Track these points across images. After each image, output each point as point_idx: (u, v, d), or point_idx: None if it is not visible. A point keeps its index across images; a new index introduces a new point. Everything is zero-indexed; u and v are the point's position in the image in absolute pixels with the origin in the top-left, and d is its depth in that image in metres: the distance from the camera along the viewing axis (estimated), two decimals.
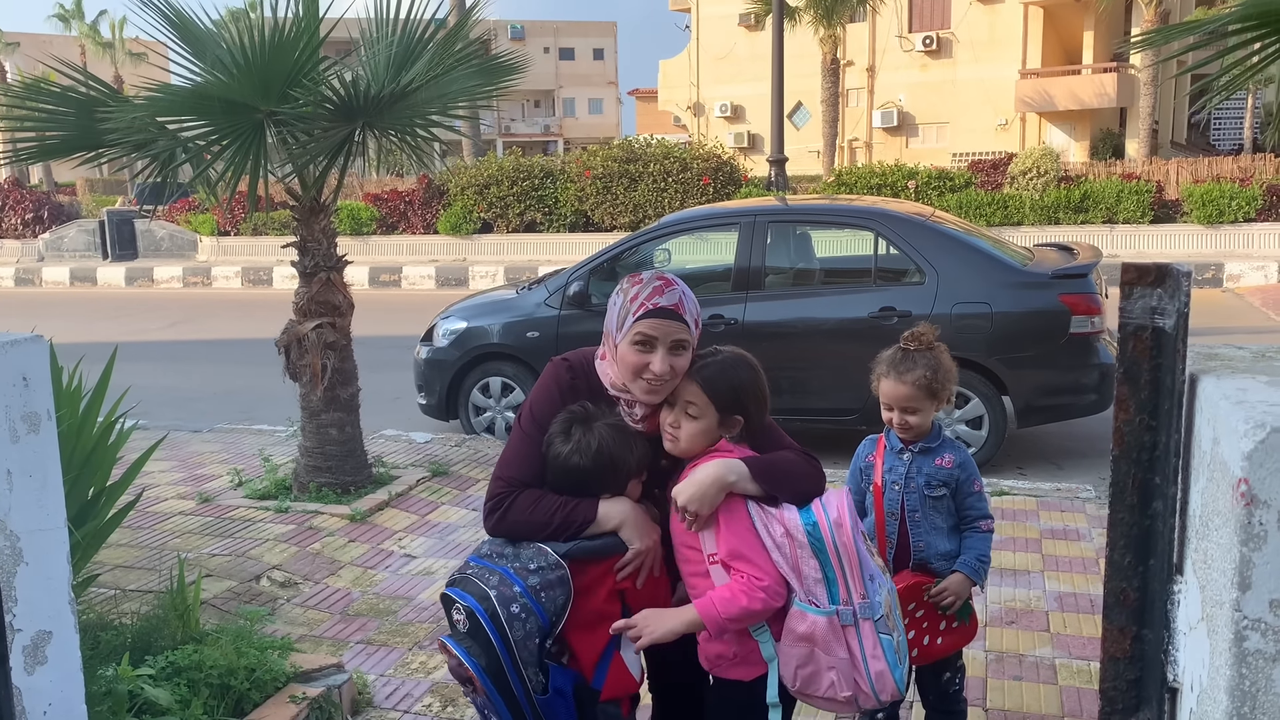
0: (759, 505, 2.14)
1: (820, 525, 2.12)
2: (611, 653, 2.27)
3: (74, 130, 5.02)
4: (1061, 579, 4.45)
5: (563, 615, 2.21)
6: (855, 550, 2.15)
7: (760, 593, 2.09)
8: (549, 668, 2.19)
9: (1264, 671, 1.00)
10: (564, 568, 2.20)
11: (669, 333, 2.21)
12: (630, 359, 2.22)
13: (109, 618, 3.58)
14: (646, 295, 2.23)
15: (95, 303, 17.70)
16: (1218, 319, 11.59)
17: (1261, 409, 1.01)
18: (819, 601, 2.12)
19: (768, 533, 2.12)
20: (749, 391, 2.24)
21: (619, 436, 2.26)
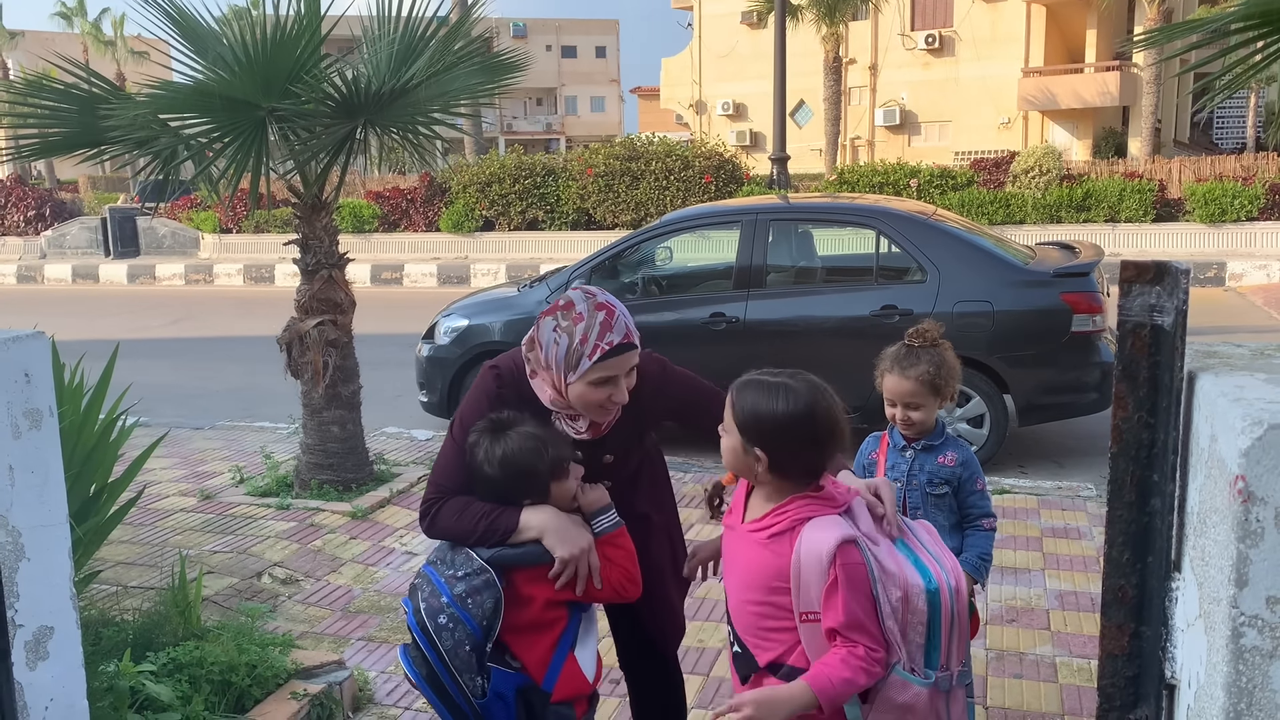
0: (879, 564, 1.94)
1: (941, 591, 1.97)
2: (564, 655, 2.26)
3: (76, 127, 5.03)
4: (1062, 577, 4.45)
5: (495, 619, 2.20)
6: (966, 617, 2.03)
7: (877, 666, 1.92)
8: (490, 671, 2.20)
9: (1260, 668, 1.01)
10: (489, 572, 2.21)
11: (628, 364, 2.25)
12: (593, 397, 2.23)
13: (110, 614, 3.59)
14: (597, 335, 2.19)
15: (97, 300, 17.71)
16: (1220, 318, 11.58)
17: (1259, 406, 1.01)
18: (919, 669, 1.97)
19: (886, 598, 1.93)
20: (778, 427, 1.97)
21: (528, 444, 2.23)
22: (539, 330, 2.27)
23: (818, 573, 1.91)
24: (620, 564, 2.30)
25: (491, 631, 2.20)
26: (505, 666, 2.23)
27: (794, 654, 1.99)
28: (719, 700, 3.50)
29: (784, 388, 1.99)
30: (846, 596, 1.89)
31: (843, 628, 1.90)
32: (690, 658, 3.81)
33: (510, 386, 2.36)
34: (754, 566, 2.02)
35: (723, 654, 3.83)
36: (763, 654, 2.03)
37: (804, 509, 1.98)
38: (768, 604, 2.00)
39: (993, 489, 5.60)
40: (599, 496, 2.33)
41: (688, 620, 4.10)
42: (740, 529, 2.09)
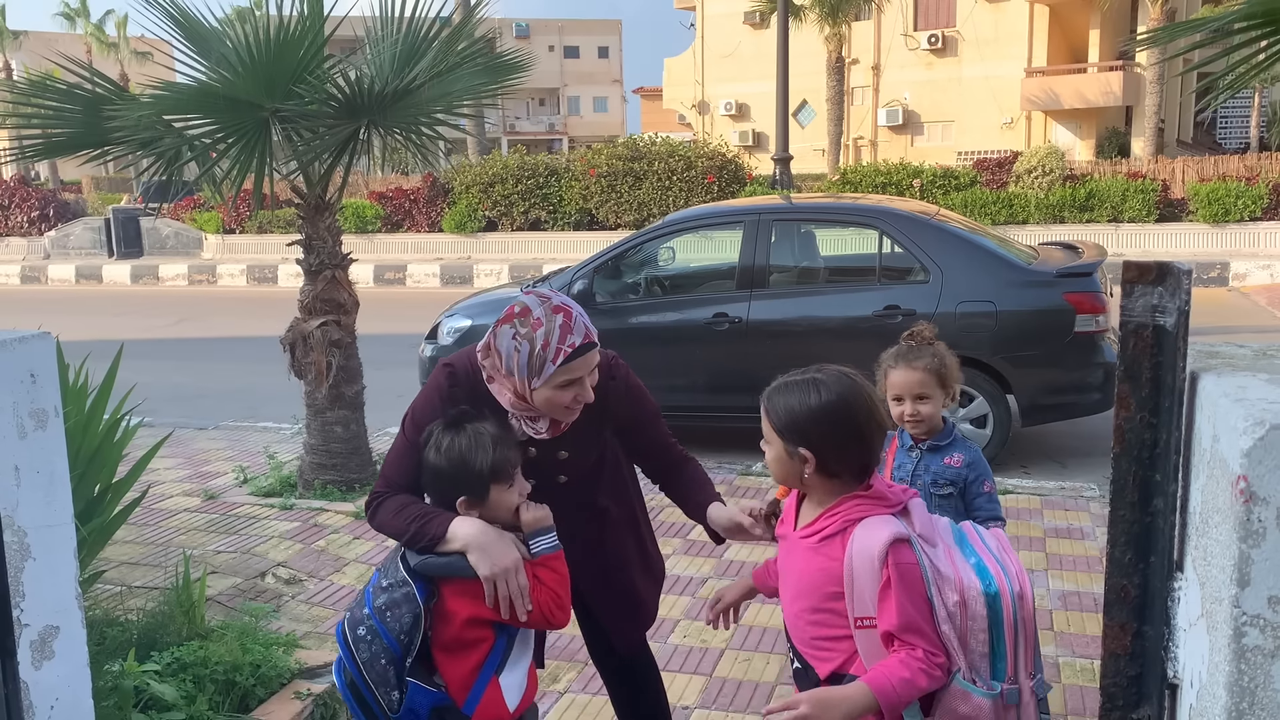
0: (932, 566, 1.88)
1: (1002, 596, 1.87)
2: (487, 678, 2.20)
3: (80, 128, 5.04)
4: (1065, 577, 4.45)
5: (414, 634, 2.15)
6: (1034, 627, 1.93)
7: (937, 670, 1.84)
8: (409, 685, 2.16)
9: (1263, 667, 1.01)
10: (409, 585, 2.16)
11: (591, 363, 2.25)
12: (559, 399, 2.24)
13: (115, 614, 3.59)
14: (558, 339, 2.19)
15: (101, 300, 17.74)
16: (1223, 318, 11.57)
17: (1261, 406, 1.01)
18: (983, 679, 1.88)
19: (941, 601, 1.85)
20: (819, 421, 1.92)
21: (477, 440, 2.21)
22: (496, 339, 2.24)
23: (870, 574, 1.86)
24: (551, 587, 2.22)
25: (411, 647, 2.15)
26: (427, 683, 2.17)
27: (855, 663, 1.93)
28: (721, 701, 3.50)
29: (814, 382, 1.96)
30: (901, 597, 1.83)
31: (899, 630, 1.84)
32: (693, 658, 3.82)
33: (463, 385, 2.36)
34: (807, 573, 1.97)
35: (726, 654, 3.84)
36: (822, 665, 1.97)
37: (855, 509, 1.93)
38: (824, 611, 1.94)
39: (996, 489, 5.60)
40: (541, 516, 2.26)
41: (691, 621, 4.11)
42: (792, 537, 2.04)
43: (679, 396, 6.81)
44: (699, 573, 4.62)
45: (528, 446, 2.35)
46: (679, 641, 3.96)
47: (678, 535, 5.07)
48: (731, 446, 6.72)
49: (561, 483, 2.45)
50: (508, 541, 2.18)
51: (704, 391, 6.70)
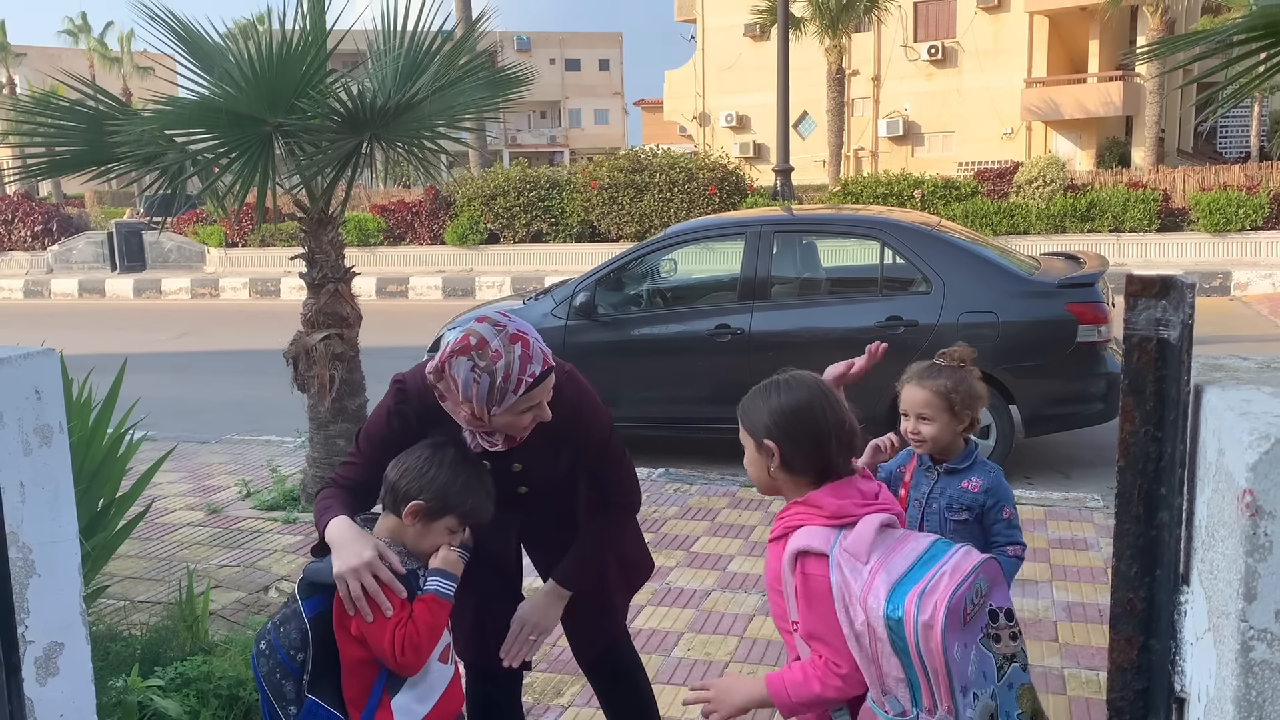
0: (844, 583, 1.89)
1: (905, 624, 1.83)
2: (376, 698, 2.16)
3: (83, 144, 5.06)
4: (1070, 589, 4.44)
5: (303, 651, 2.14)
6: (943, 660, 1.83)
7: (836, 679, 1.90)
8: (307, 702, 2.15)
9: (1270, 682, 1.01)
10: (297, 601, 2.18)
11: (549, 386, 2.26)
12: (518, 422, 2.25)
13: (118, 629, 3.59)
14: (519, 370, 2.17)
15: (104, 314, 17.77)
16: (1225, 328, 11.57)
17: (1266, 420, 1.01)
18: (901, 702, 1.87)
19: (848, 618, 1.89)
20: (775, 416, 2.02)
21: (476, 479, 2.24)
22: (451, 368, 2.17)
23: (789, 580, 1.97)
24: (417, 627, 2.13)
25: (306, 665, 2.14)
26: (328, 702, 2.16)
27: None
28: None
29: (779, 383, 2.07)
30: (802, 606, 1.94)
31: (804, 636, 1.95)
32: (698, 670, 3.81)
33: (413, 401, 2.35)
34: (766, 571, 2.09)
35: (730, 667, 3.83)
36: (790, 654, 2.06)
37: (795, 517, 2.00)
38: (778, 606, 2.04)
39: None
40: (452, 562, 2.22)
41: (695, 634, 4.10)
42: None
43: (681, 408, 6.82)
44: (702, 585, 4.61)
45: (482, 459, 2.34)
46: (683, 654, 3.95)
47: (680, 548, 5.07)
48: (733, 459, 6.69)
49: (522, 493, 2.47)
50: (366, 542, 2.14)
51: (706, 403, 6.70)
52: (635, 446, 7.81)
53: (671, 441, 7.15)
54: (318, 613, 2.16)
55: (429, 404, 2.31)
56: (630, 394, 6.86)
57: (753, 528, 5.32)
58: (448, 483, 2.19)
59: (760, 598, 4.45)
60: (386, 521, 2.24)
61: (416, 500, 2.18)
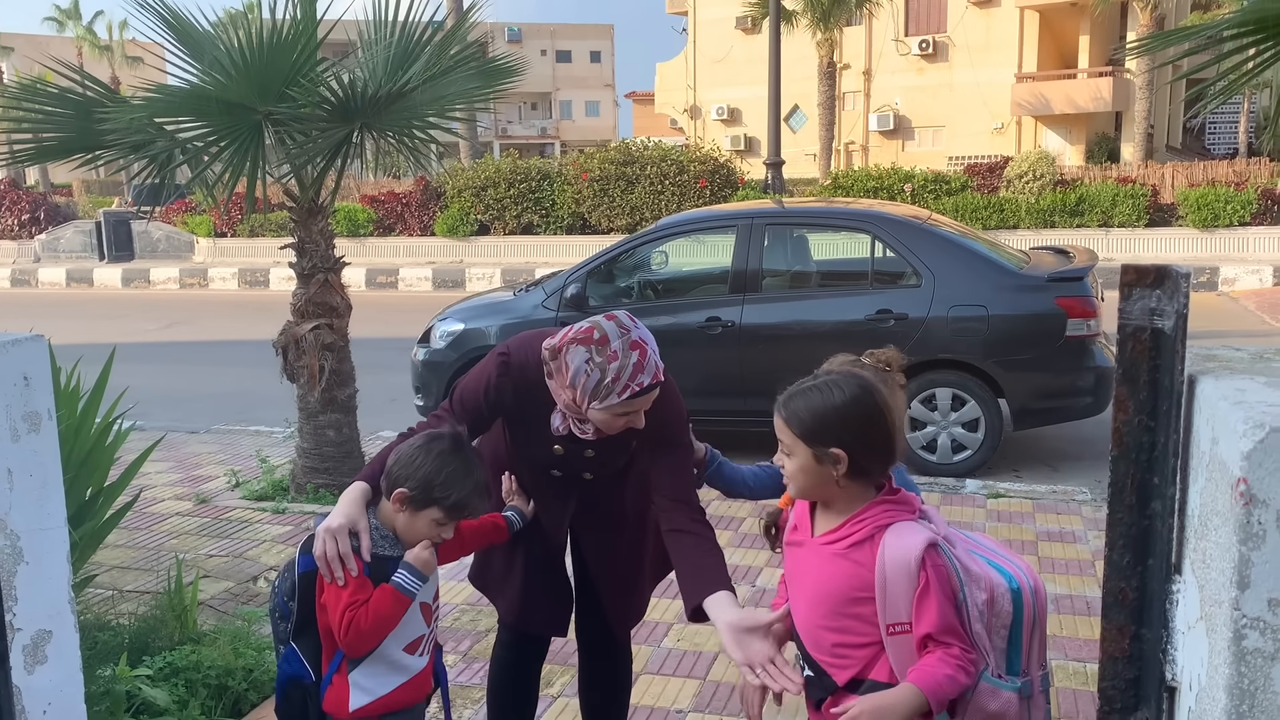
0: (964, 566, 1.90)
1: (1024, 592, 1.92)
2: (334, 667, 2.21)
3: (71, 131, 5.03)
4: (1058, 581, 4.46)
5: (291, 599, 2.23)
6: (1045, 619, 1.98)
7: (972, 667, 1.86)
8: (286, 650, 2.25)
9: (1262, 670, 1.01)
10: (295, 555, 2.26)
11: (652, 398, 2.29)
12: (612, 424, 2.30)
13: (107, 618, 3.58)
14: (630, 376, 2.22)
15: (92, 304, 17.67)
16: (1213, 323, 11.62)
17: (1260, 409, 1.02)
18: (1004, 674, 1.92)
19: (973, 601, 1.88)
20: (846, 419, 1.91)
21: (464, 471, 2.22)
22: (569, 355, 2.25)
23: (906, 580, 1.86)
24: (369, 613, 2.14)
25: (291, 613, 2.23)
26: (303, 653, 2.24)
27: (875, 669, 1.93)
28: (715, 705, 3.50)
29: (830, 382, 1.95)
30: (941, 600, 1.85)
31: (938, 632, 1.85)
32: (687, 661, 3.81)
33: (513, 376, 2.39)
34: (832, 579, 1.95)
35: (720, 659, 3.83)
36: (840, 672, 1.96)
37: (884, 515, 1.92)
38: (847, 617, 1.94)
39: (987, 493, 5.62)
40: (428, 562, 2.21)
41: (684, 625, 4.11)
42: (811, 544, 2.01)
43: None
44: None
45: (555, 444, 2.41)
46: (672, 645, 3.96)
47: None
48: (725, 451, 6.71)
49: (586, 480, 2.53)
50: (349, 511, 2.18)
51: (697, 396, 6.67)
52: None
53: None
54: (307, 570, 2.20)
55: (529, 378, 2.37)
56: None
57: (743, 519, 5.32)
58: (432, 474, 2.17)
59: (750, 589, 4.46)
60: (384, 505, 2.26)
61: (402, 489, 2.19)
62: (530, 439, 2.47)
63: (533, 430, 2.46)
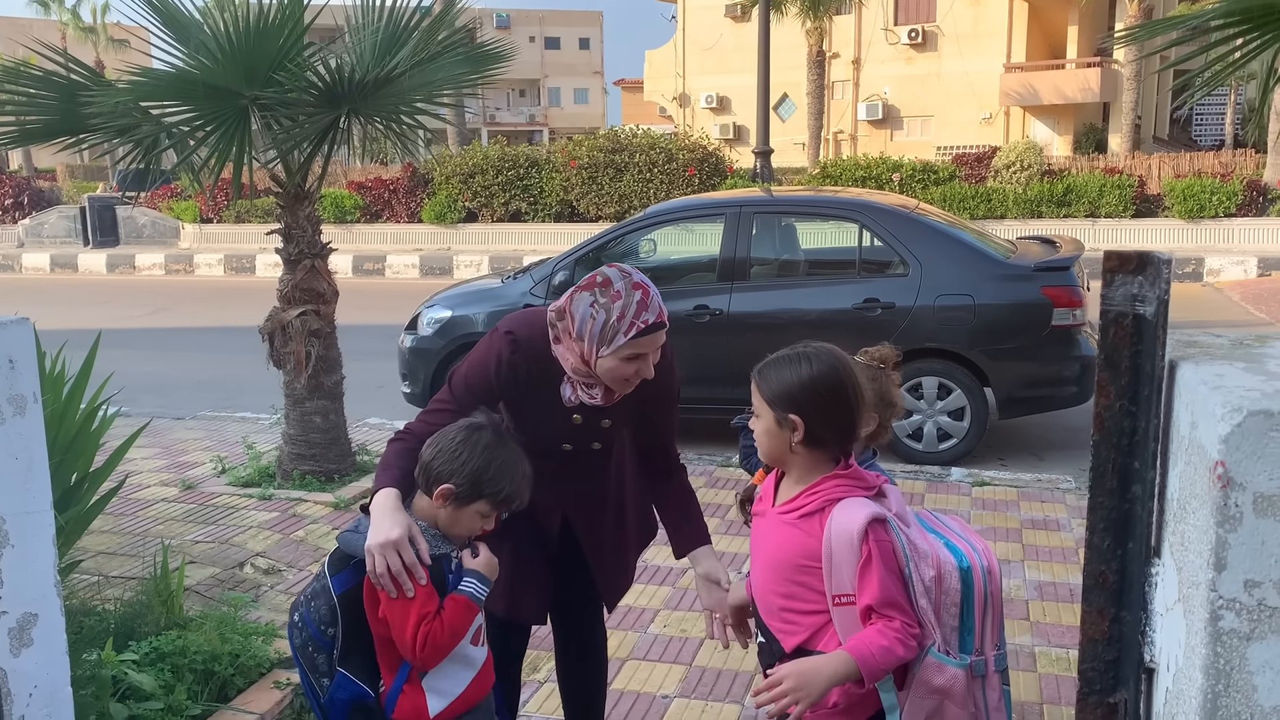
0: (911, 543, 1.96)
1: (974, 571, 1.99)
2: (403, 678, 2.16)
3: (55, 115, 4.99)
4: (1041, 568, 4.49)
5: (333, 626, 2.14)
6: (1000, 599, 2.04)
7: (912, 640, 1.91)
8: (336, 676, 2.16)
9: (1238, 650, 1.02)
10: (326, 578, 2.17)
11: (658, 342, 2.33)
12: (622, 371, 2.31)
13: (92, 604, 3.57)
14: (634, 314, 2.26)
15: (77, 289, 17.57)
16: (1198, 313, 11.69)
17: (1239, 394, 1.03)
18: (953, 652, 1.97)
19: (918, 576, 1.94)
20: (807, 390, 1.98)
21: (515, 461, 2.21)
22: (573, 304, 2.30)
23: (850, 552, 1.92)
24: (445, 626, 2.11)
25: (336, 639, 2.15)
26: (358, 676, 2.16)
27: (823, 639, 1.99)
28: (700, 690, 3.52)
29: (804, 355, 2.03)
30: (881, 573, 1.90)
31: (878, 604, 1.90)
32: (673, 647, 3.83)
33: (524, 351, 2.39)
34: (783, 546, 2.03)
35: (706, 644, 3.86)
36: (788, 639, 2.03)
37: (835, 489, 1.99)
38: (795, 584, 2.00)
39: (972, 481, 5.65)
40: (491, 566, 2.22)
41: (671, 610, 4.13)
42: (770, 513, 2.09)
43: None
44: (678, 564, 4.62)
45: (574, 414, 2.42)
46: (659, 631, 3.97)
47: None
48: (712, 439, 6.74)
49: (595, 449, 2.53)
50: (399, 520, 2.11)
51: (685, 384, 6.64)
52: None
53: None
54: (346, 589, 2.15)
55: (538, 351, 2.38)
56: None
57: (729, 506, 5.34)
58: (480, 468, 2.15)
59: (736, 575, 4.47)
60: (421, 501, 2.21)
61: (447, 484, 2.15)
62: (541, 416, 2.44)
63: (543, 406, 2.43)
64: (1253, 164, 17.72)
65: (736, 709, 3.39)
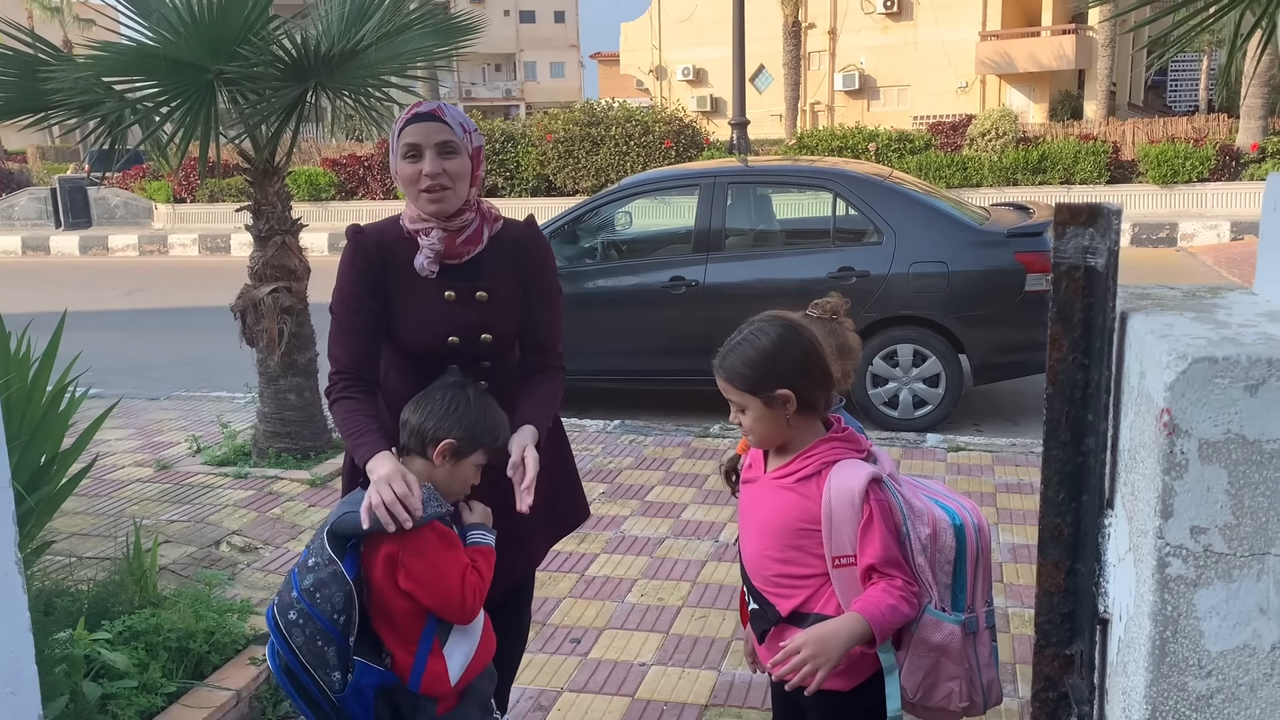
0: (907, 502, 1.98)
1: (966, 528, 2.01)
2: (427, 649, 2.15)
3: (16, 92, 4.90)
4: (1015, 531, 4.53)
5: (349, 613, 2.09)
6: (989, 555, 2.06)
7: (915, 599, 1.93)
8: (355, 665, 2.11)
9: (1185, 596, 1.03)
10: (336, 564, 2.09)
11: (431, 135, 2.32)
12: (406, 172, 2.34)
13: (64, 584, 3.55)
14: (409, 111, 2.37)
15: (49, 272, 17.38)
16: (1172, 277, 11.76)
17: (1185, 341, 1.03)
18: (948, 609, 2.00)
19: (915, 534, 1.96)
20: (780, 359, 1.97)
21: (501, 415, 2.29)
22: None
23: (850, 513, 1.93)
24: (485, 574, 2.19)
25: (350, 627, 2.09)
26: (375, 661, 2.14)
27: (820, 601, 2.00)
28: (677, 657, 3.54)
29: (755, 332, 2.01)
30: (883, 531, 1.91)
31: (880, 563, 1.91)
32: (650, 616, 3.85)
33: (369, 235, 2.41)
34: (780, 511, 2.02)
35: (683, 611, 3.87)
36: (783, 603, 2.02)
37: (831, 451, 2.00)
38: (793, 548, 2.00)
39: (948, 446, 5.68)
40: (488, 515, 2.30)
41: (648, 580, 4.14)
42: (763, 479, 2.08)
43: (636, 360, 6.82)
44: (656, 533, 4.65)
45: (445, 290, 2.37)
46: (636, 600, 3.99)
47: (635, 497, 5.10)
48: (689, 410, 6.75)
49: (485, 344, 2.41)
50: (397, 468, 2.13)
51: (662, 355, 6.72)
52: (591, 399, 7.79)
53: (627, 394, 7.16)
54: (356, 574, 2.11)
55: (382, 232, 2.41)
56: (586, 346, 6.85)
57: (707, 476, 5.36)
58: (476, 419, 2.21)
59: (713, 544, 4.50)
60: (413, 465, 2.20)
61: (448, 439, 2.18)
62: (416, 304, 2.38)
63: (414, 293, 2.38)
64: (1225, 129, 17.81)
65: (713, 675, 3.41)
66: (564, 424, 2.73)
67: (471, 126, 2.40)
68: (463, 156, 2.34)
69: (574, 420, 6.33)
